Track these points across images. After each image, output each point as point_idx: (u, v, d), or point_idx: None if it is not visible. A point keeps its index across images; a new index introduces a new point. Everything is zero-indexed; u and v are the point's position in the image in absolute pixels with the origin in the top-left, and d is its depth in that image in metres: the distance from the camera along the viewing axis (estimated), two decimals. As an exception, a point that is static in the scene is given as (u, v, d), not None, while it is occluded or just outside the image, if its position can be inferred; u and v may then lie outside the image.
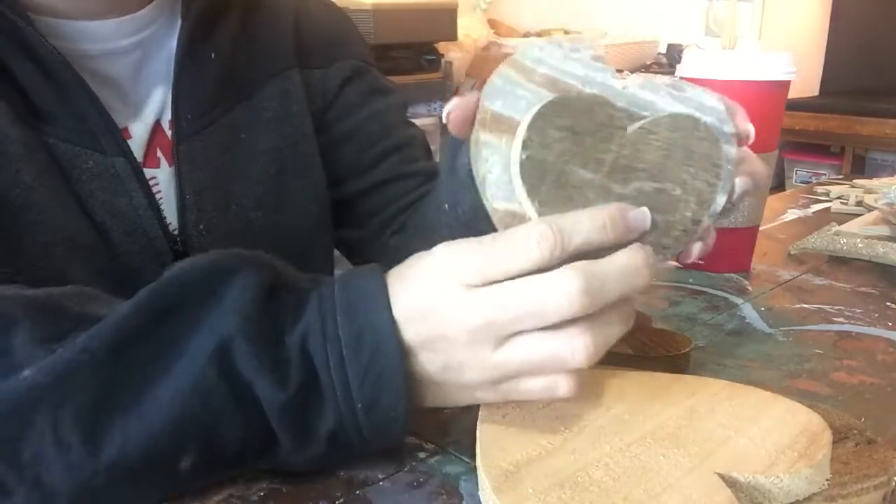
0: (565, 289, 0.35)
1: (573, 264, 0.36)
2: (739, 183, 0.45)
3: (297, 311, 0.39)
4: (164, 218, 0.57)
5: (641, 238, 0.39)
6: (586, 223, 0.37)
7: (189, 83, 0.58)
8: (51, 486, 0.36)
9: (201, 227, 0.58)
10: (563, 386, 0.38)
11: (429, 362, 0.38)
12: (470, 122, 0.42)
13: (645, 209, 0.40)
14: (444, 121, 0.43)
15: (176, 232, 0.58)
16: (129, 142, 0.56)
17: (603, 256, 0.37)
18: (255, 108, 0.62)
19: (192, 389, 0.36)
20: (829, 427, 0.40)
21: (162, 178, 0.58)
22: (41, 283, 0.50)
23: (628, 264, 0.37)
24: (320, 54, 0.68)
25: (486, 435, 0.40)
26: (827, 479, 0.38)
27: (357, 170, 0.69)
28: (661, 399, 0.44)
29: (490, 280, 0.37)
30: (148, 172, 0.57)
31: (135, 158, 0.55)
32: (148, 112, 0.58)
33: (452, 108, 0.42)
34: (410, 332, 0.38)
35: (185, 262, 0.40)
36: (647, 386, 0.45)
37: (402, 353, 0.38)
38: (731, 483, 0.36)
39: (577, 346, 0.36)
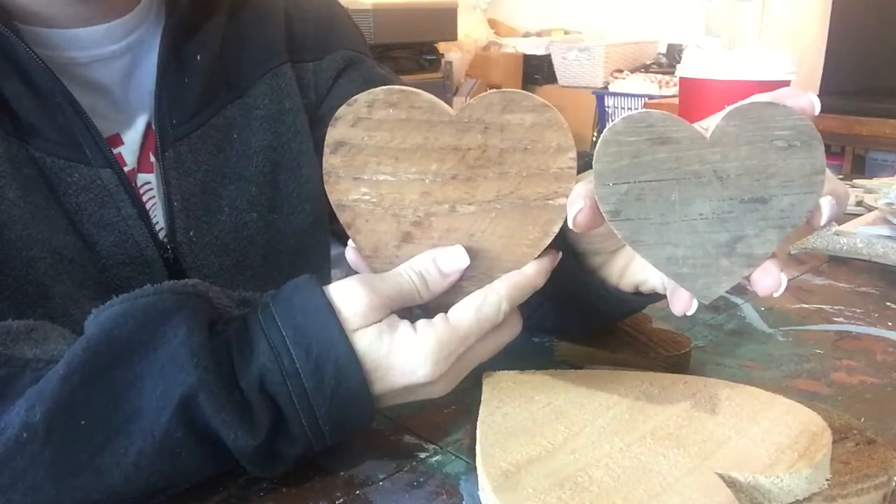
0: (423, 368, 0.39)
1: (429, 336, 0.39)
2: (825, 204, 0.37)
3: (244, 348, 0.38)
4: (156, 225, 0.57)
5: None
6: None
7: (173, 87, 0.56)
8: None
9: (191, 233, 0.57)
10: None
11: (379, 380, 0.40)
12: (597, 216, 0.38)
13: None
14: (570, 225, 0.39)
15: (166, 240, 0.57)
16: (121, 148, 0.56)
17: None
18: (247, 107, 0.61)
19: (158, 450, 0.36)
20: (829, 427, 0.40)
21: (156, 182, 0.57)
22: (25, 298, 0.49)
23: (480, 320, 0.41)
24: (312, 47, 0.66)
25: (486, 435, 0.40)
26: (827, 479, 0.38)
27: None
28: (661, 399, 0.44)
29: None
30: (142, 178, 0.57)
31: (121, 169, 0.54)
32: (139, 116, 0.57)
33: (579, 210, 0.38)
34: (366, 356, 0.39)
35: (113, 309, 0.38)
36: (647, 386, 0.45)
37: (364, 377, 0.39)
38: (731, 483, 0.36)
39: (437, 390, 0.41)
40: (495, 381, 0.47)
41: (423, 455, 0.43)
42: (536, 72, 3.07)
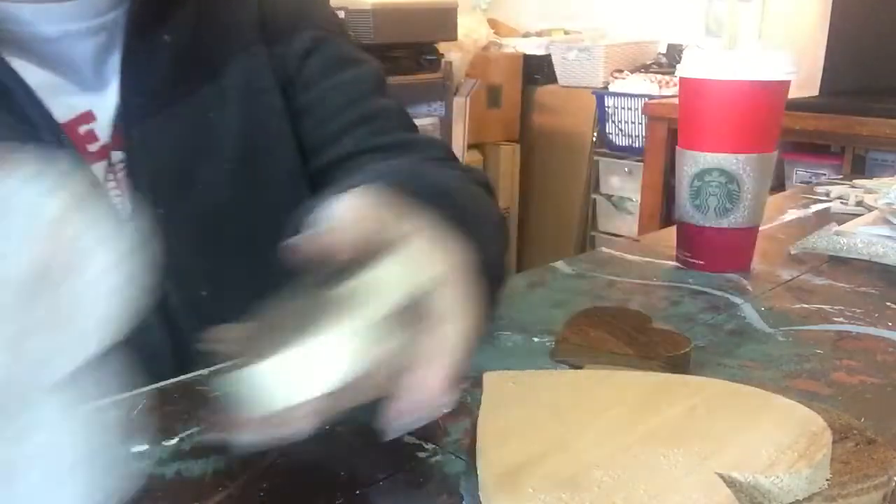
0: None
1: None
2: None
3: None
4: (119, 202, 0.57)
5: None
6: None
7: (139, 67, 0.57)
8: None
9: (160, 210, 0.57)
10: None
11: None
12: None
13: None
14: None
15: (126, 216, 0.57)
16: (94, 124, 0.56)
17: None
18: (222, 87, 0.61)
19: None
20: (829, 427, 0.40)
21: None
22: None
23: None
24: (283, 28, 0.65)
25: (486, 435, 0.40)
26: (827, 479, 0.38)
27: (320, 143, 0.66)
28: (661, 399, 0.44)
29: None
30: (116, 155, 0.57)
31: (75, 149, 0.54)
32: (112, 93, 0.57)
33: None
34: None
35: None
36: (647, 386, 0.45)
37: None
38: (731, 483, 0.36)
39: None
40: (495, 381, 0.47)
41: (423, 455, 0.43)
42: (536, 72, 3.07)
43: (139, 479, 0.39)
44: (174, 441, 0.44)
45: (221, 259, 0.60)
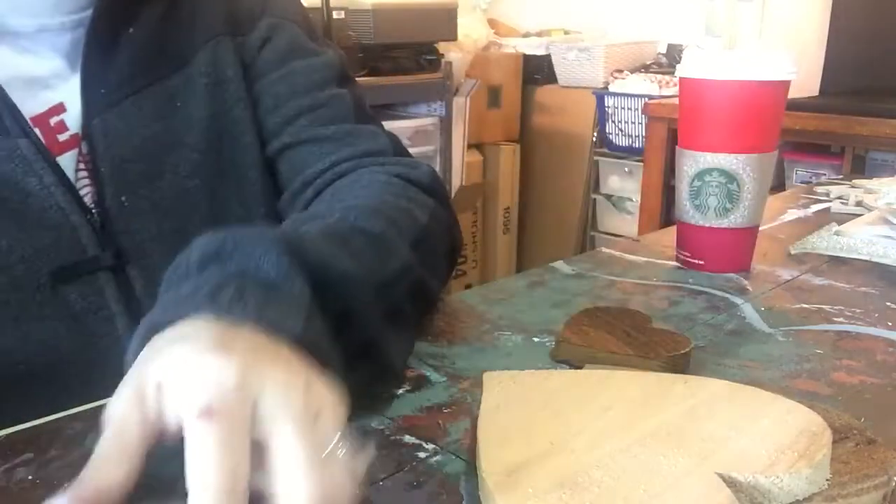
0: None
1: None
2: None
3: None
4: (85, 192, 0.58)
5: None
6: None
7: (100, 58, 0.58)
8: None
9: (122, 198, 0.59)
10: None
11: None
12: None
13: None
14: None
15: (93, 206, 0.59)
16: (64, 115, 0.58)
17: None
18: (190, 76, 0.62)
19: None
20: (829, 427, 0.40)
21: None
22: None
23: None
24: (246, 18, 0.67)
25: (486, 435, 0.40)
26: (827, 479, 0.38)
27: (268, 133, 0.66)
28: (661, 399, 0.44)
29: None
30: (84, 145, 0.58)
31: (38, 139, 0.56)
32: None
33: None
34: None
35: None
36: (647, 386, 0.45)
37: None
38: (731, 483, 0.36)
39: None
40: (495, 381, 0.47)
41: (423, 455, 0.43)
42: (536, 72, 3.07)
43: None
44: (174, 441, 0.44)
45: (185, 246, 0.61)
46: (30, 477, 0.41)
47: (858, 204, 1.01)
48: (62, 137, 0.58)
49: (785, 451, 0.38)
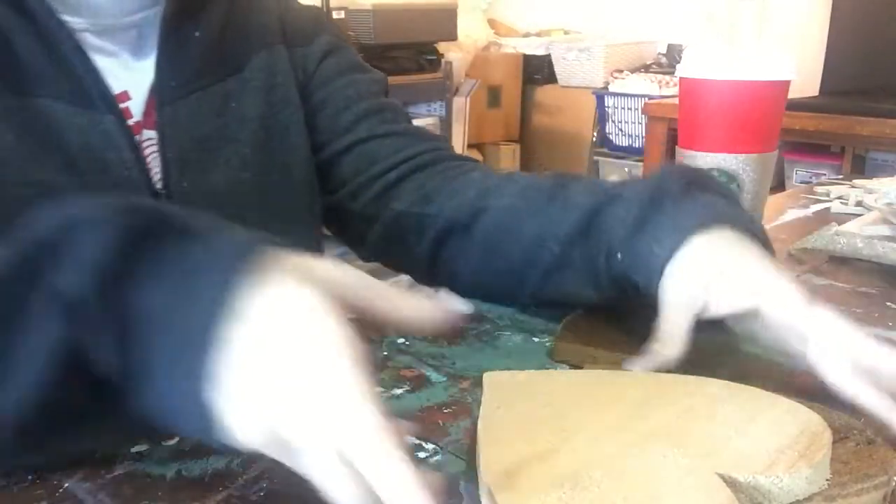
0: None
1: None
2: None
3: (149, 270, 0.36)
4: (154, 174, 0.62)
5: None
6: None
7: (172, 54, 0.63)
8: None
9: (184, 184, 0.63)
10: None
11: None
12: None
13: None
14: None
15: (159, 186, 0.63)
16: (129, 103, 0.62)
17: None
18: (244, 80, 0.68)
19: (49, 344, 0.36)
20: (829, 427, 0.40)
21: (158, 138, 0.63)
22: None
23: None
24: (301, 35, 0.74)
25: (486, 435, 0.40)
26: (827, 479, 0.38)
27: (334, 132, 0.73)
28: (661, 399, 0.44)
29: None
30: (146, 133, 0.63)
31: (123, 117, 0.60)
32: (145, 78, 0.63)
33: None
34: (237, 346, 0.34)
35: (48, 211, 0.38)
36: (647, 386, 0.45)
37: (208, 373, 0.34)
38: (730, 483, 0.36)
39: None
40: (495, 381, 0.47)
41: (423, 455, 0.43)
42: (536, 72, 3.07)
43: None
44: (174, 441, 0.44)
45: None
46: (29, 477, 0.41)
47: (858, 204, 1.02)
48: (129, 122, 0.63)
49: (785, 451, 0.38)
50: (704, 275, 0.50)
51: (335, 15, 2.45)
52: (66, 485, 0.41)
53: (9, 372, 0.37)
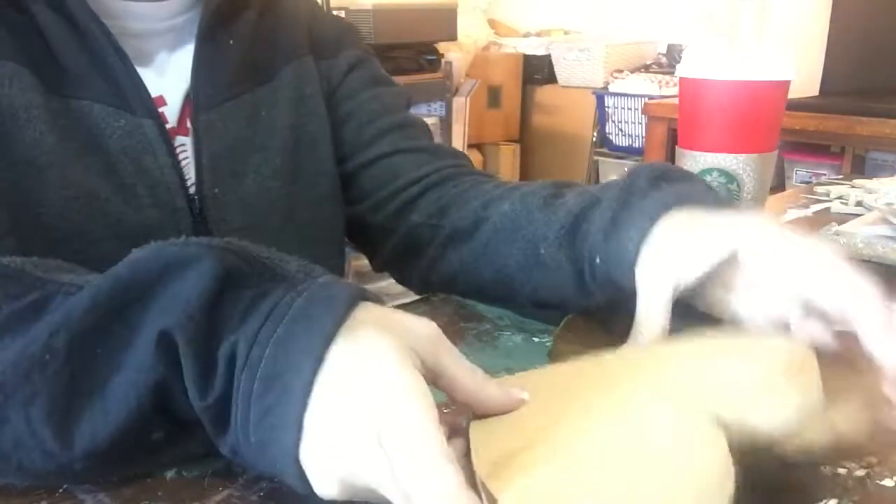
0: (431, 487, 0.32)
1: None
2: None
3: (244, 315, 0.38)
4: (187, 179, 0.63)
5: None
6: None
7: (208, 63, 0.64)
8: (33, 470, 0.39)
9: (216, 190, 0.64)
10: None
11: (321, 427, 0.36)
12: None
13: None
14: None
15: (192, 192, 0.63)
16: (164, 108, 0.63)
17: None
18: (275, 90, 0.69)
19: (143, 383, 0.38)
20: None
21: (190, 144, 0.64)
22: (61, 235, 0.56)
23: None
24: (328, 48, 0.75)
25: (478, 432, 0.40)
26: (817, 403, 0.38)
27: (358, 145, 0.74)
28: (641, 371, 0.43)
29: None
30: (179, 139, 0.64)
31: (161, 121, 0.61)
32: (179, 85, 0.64)
33: None
34: (323, 396, 0.35)
35: (147, 249, 0.40)
36: (623, 366, 0.45)
37: (300, 426, 0.35)
38: (721, 421, 0.36)
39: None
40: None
41: (423, 455, 0.43)
42: (536, 72, 3.07)
43: None
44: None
45: (262, 238, 0.65)
46: (30, 477, 0.41)
47: (858, 204, 1.01)
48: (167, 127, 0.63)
49: (773, 381, 0.38)
50: (675, 246, 0.50)
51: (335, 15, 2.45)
52: (66, 485, 0.41)
53: (97, 404, 0.38)
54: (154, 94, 0.62)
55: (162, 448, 0.41)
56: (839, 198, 1.07)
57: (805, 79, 2.32)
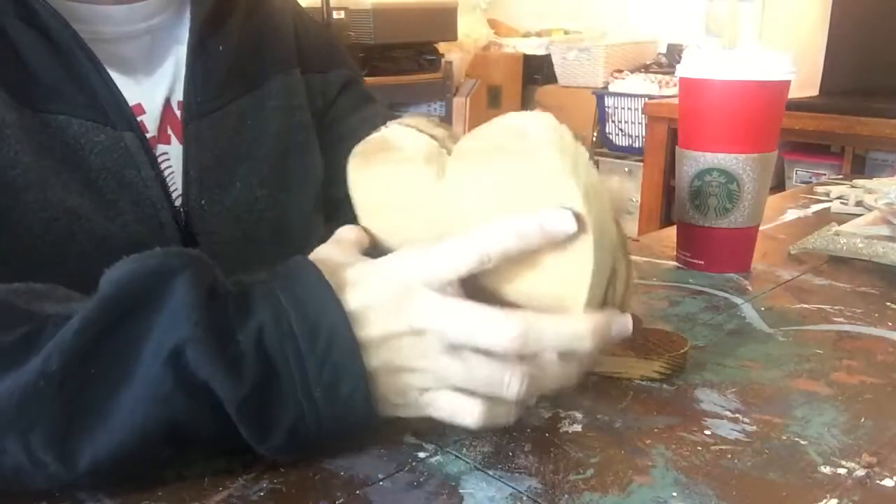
0: (503, 328, 0.39)
1: (520, 313, 0.40)
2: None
3: (243, 308, 0.40)
4: (172, 190, 0.61)
5: None
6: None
7: (199, 70, 0.62)
8: (36, 489, 0.39)
9: (203, 202, 0.62)
10: (473, 413, 0.41)
11: (378, 358, 0.40)
12: None
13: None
14: None
15: (178, 204, 0.61)
16: (143, 117, 0.61)
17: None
18: (261, 98, 0.68)
19: (151, 398, 0.38)
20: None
21: (172, 153, 0.62)
22: (43, 258, 0.54)
23: (572, 331, 0.40)
24: (317, 61, 0.74)
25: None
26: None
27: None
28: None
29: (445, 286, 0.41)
30: (160, 148, 0.62)
31: (142, 133, 0.59)
32: (158, 91, 0.62)
33: None
34: (363, 330, 0.40)
35: (124, 267, 0.40)
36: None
37: (357, 344, 0.40)
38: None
39: (511, 380, 0.40)
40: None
41: (423, 455, 0.43)
42: (536, 72, 3.07)
43: None
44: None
45: (252, 250, 0.65)
46: (30, 477, 0.41)
47: (858, 204, 1.02)
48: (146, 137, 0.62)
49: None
50: None
51: (335, 15, 2.45)
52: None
53: (97, 423, 0.38)
54: (132, 102, 0.59)
55: (170, 461, 0.41)
56: (839, 198, 1.07)
57: (805, 79, 2.32)
